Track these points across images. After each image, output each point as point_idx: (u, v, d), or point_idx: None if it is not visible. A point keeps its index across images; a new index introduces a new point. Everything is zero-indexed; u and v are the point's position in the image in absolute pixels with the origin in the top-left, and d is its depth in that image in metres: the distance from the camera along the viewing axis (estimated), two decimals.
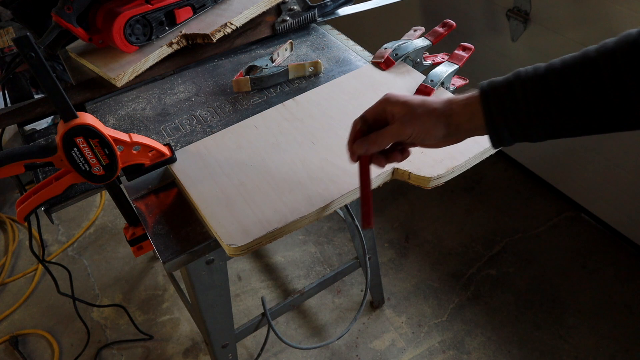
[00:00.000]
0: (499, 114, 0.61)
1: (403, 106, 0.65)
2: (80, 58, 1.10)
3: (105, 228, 1.95)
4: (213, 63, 1.13)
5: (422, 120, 0.64)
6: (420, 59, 1.05)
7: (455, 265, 1.72)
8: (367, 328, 1.58)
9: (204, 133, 0.95)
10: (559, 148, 1.71)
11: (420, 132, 0.64)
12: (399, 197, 1.94)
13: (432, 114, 0.64)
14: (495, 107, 0.61)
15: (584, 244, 1.73)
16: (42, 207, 0.81)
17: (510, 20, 1.55)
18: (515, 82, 0.60)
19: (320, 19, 1.21)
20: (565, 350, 1.48)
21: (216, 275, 0.98)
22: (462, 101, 0.64)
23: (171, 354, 1.57)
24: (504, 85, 0.61)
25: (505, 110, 0.60)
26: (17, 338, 1.62)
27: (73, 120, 0.71)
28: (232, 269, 1.76)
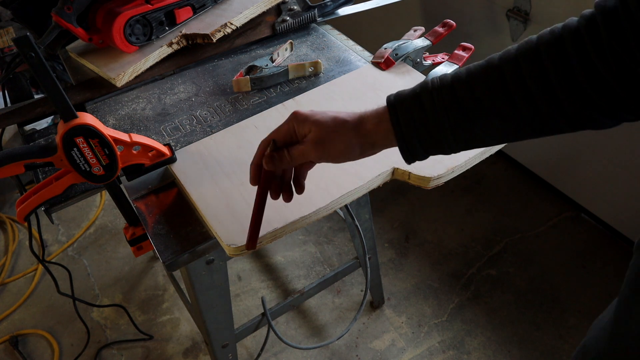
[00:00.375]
0: (409, 127, 0.59)
1: (314, 126, 0.62)
2: (80, 58, 1.10)
3: (105, 228, 1.95)
4: (213, 63, 1.13)
5: (336, 142, 0.62)
6: (420, 59, 1.05)
7: (455, 265, 1.72)
8: (367, 328, 1.58)
9: (204, 133, 0.95)
10: (559, 148, 1.71)
11: (334, 154, 0.63)
12: (399, 197, 1.94)
13: (345, 135, 0.61)
14: (404, 120, 0.59)
15: (584, 244, 1.73)
16: (42, 207, 0.81)
17: (510, 20, 1.55)
18: (422, 93, 0.59)
19: (320, 19, 1.21)
20: (565, 350, 1.48)
21: (216, 275, 0.98)
22: (374, 117, 0.61)
23: (171, 354, 1.57)
24: (410, 97, 0.59)
25: (415, 123, 0.59)
26: (17, 338, 1.62)
27: (73, 120, 0.71)
28: (232, 269, 1.76)
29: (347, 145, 0.62)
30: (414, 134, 0.59)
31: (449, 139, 0.58)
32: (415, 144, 0.60)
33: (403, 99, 0.60)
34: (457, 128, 0.58)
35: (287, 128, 0.64)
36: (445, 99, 0.57)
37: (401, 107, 0.59)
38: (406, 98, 0.60)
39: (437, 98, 0.58)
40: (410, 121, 0.59)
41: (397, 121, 0.59)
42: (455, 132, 0.58)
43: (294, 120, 0.63)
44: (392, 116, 0.60)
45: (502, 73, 0.55)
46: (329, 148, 0.62)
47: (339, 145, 0.62)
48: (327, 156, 0.63)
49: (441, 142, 0.59)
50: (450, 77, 0.59)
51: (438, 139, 0.59)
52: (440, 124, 0.58)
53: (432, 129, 0.58)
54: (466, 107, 0.57)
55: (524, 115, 0.55)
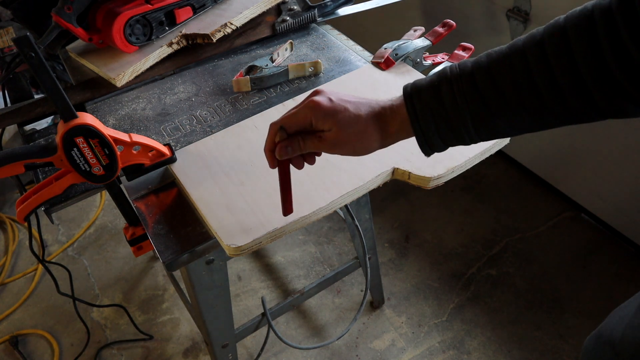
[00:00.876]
0: (427, 120, 0.56)
1: (335, 127, 0.58)
2: (80, 58, 1.10)
3: (105, 228, 1.95)
4: (213, 63, 1.13)
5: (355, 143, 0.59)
6: (420, 59, 1.05)
7: (455, 265, 1.72)
8: (367, 328, 1.58)
9: (204, 133, 0.95)
10: (559, 148, 1.71)
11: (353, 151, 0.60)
12: (399, 197, 1.94)
13: (366, 136, 0.58)
14: (422, 113, 0.56)
15: (584, 244, 1.73)
16: (42, 207, 0.81)
17: (510, 20, 1.55)
18: (440, 83, 0.55)
19: (320, 19, 1.21)
20: (565, 350, 1.48)
21: (216, 275, 0.98)
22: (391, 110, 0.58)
23: (171, 354, 1.57)
24: (428, 88, 0.56)
25: (434, 116, 0.55)
26: (17, 338, 1.62)
27: (73, 120, 0.71)
28: (232, 269, 1.76)
29: (366, 147, 0.60)
30: (432, 127, 0.56)
31: (470, 132, 0.55)
32: (434, 137, 0.56)
33: (420, 90, 0.56)
34: (478, 121, 0.54)
35: (303, 119, 0.59)
36: (466, 90, 0.54)
37: (418, 98, 0.56)
38: (423, 89, 0.56)
39: (456, 89, 0.54)
40: (428, 114, 0.55)
41: (415, 114, 0.56)
42: (476, 125, 0.55)
43: (314, 113, 0.58)
44: (408, 108, 0.57)
45: (526, 61, 0.51)
46: (346, 149, 0.60)
47: (357, 147, 0.60)
48: (342, 154, 0.61)
49: (462, 135, 0.56)
50: (470, 65, 0.55)
51: (458, 132, 0.55)
52: (460, 117, 0.54)
53: (452, 123, 0.55)
54: (488, 99, 0.53)
55: (551, 108, 0.51)
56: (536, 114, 0.52)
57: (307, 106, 0.59)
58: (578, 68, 0.48)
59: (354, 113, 0.58)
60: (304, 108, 0.59)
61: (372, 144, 0.60)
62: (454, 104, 0.54)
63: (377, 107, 0.59)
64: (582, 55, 0.48)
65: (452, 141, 0.57)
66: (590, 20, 0.48)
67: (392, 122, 0.58)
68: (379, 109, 0.59)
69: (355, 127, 0.58)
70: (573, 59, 0.48)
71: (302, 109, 0.60)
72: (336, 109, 0.58)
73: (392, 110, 0.58)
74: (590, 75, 0.48)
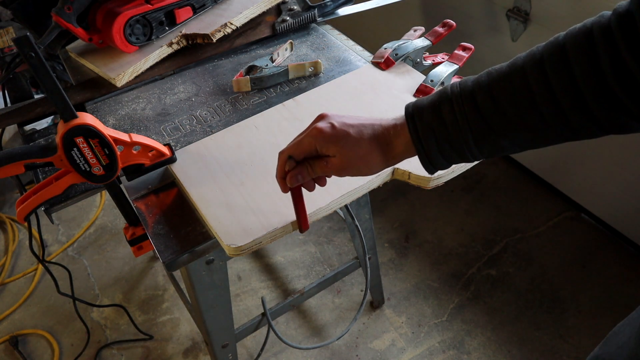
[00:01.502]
0: (429, 141, 0.56)
1: (339, 153, 0.59)
2: (80, 58, 1.10)
3: (105, 228, 1.95)
4: (213, 63, 1.13)
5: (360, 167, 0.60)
6: (420, 59, 1.05)
7: (455, 265, 1.72)
8: (367, 328, 1.58)
9: (204, 133, 0.95)
10: (559, 148, 1.70)
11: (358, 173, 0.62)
12: (399, 197, 1.94)
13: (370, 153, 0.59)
14: (424, 134, 0.56)
15: (584, 244, 1.73)
16: (42, 207, 0.81)
17: (510, 20, 1.55)
18: (441, 103, 0.56)
19: (320, 19, 1.21)
20: (565, 350, 1.48)
21: (216, 275, 0.98)
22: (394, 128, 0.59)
23: (171, 354, 1.57)
24: (429, 108, 0.56)
25: (436, 136, 0.56)
26: (17, 338, 1.62)
27: (73, 120, 0.71)
28: (232, 269, 1.76)
29: (370, 168, 0.61)
30: (434, 147, 0.57)
31: (472, 150, 0.56)
32: (437, 156, 0.57)
33: (421, 110, 0.57)
34: (480, 140, 0.55)
35: (308, 146, 0.61)
36: (467, 110, 0.54)
37: (420, 118, 0.57)
38: (425, 108, 0.57)
39: (457, 109, 0.54)
40: (430, 134, 0.56)
41: (417, 134, 0.57)
42: (478, 144, 0.55)
43: (318, 141, 0.60)
44: (410, 129, 0.57)
45: (526, 80, 0.51)
46: (352, 171, 0.61)
47: (363, 169, 0.61)
48: (349, 175, 0.62)
49: (464, 153, 0.56)
50: (470, 83, 0.55)
51: (461, 151, 0.56)
52: (462, 136, 0.55)
53: (454, 142, 0.56)
54: (489, 118, 0.53)
55: (553, 126, 0.52)
56: (538, 132, 0.53)
57: (310, 135, 0.61)
58: (578, 86, 0.49)
59: (357, 137, 0.59)
60: (307, 137, 0.61)
61: (376, 166, 0.61)
62: (455, 124, 0.55)
63: (379, 129, 0.60)
64: (582, 73, 0.48)
65: (455, 159, 0.58)
66: (590, 38, 0.48)
67: (396, 143, 0.59)
68: (382, 131, 0.60)
69: (358, 151, 0.59)
70: (573, 77, 0.49)
71: (306, 137, 0.61)
72: (338, 135, 0.59)
73: (396, 131, 0.59)
74: (591, 93, 0.48)
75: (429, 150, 0.57)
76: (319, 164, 0.62)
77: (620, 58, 0.46)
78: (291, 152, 0.63)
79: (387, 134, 0.60)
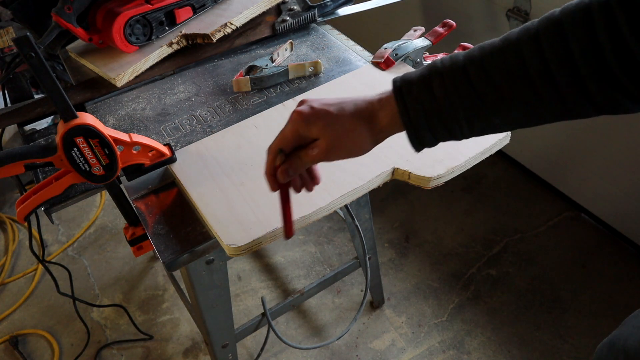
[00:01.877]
0: (417, 115, 0.54)
1: (322, 133, 0.58)
2: (80, 58, 1.10)
3: (105, 228, 1.95)
4: (213, 63, 1.13)
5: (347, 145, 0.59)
6: (420, 59, 1.05)
7: (455, 265, 1.72)
8: (367, 328, 1.58)
9: (204, 133, 0.95)
10: (559, 148, 1.71)
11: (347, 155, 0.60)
12: (399, 197, 1.94)
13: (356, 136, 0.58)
14: (412, 108, 0.54)
15: (584, 244, 1.73)
16: (42, 207, 0.81)
17: (510, 20, 1.55)
18: (432, 77, 0.53)
19: (320, 19, 1.21)
20: (565, 350, 1.48)
21: (216, 275, 0.98)
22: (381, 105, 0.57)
23: (171, 354, 1.57)
24: (419, 81, 0.54)
25: (425, 110, 0.54)
26: (17, 338, 1.62)
27: (73, 120, 0.71)
28: (232, 269, 1.76)
29: (359, 146, 0.59)
30: (423, 122, 0.54)
31: (463, 127, 0.54)
32: (425, 132, 0.55)
33: (410, 83, 0.55)
34: (472, 116, 0.53)
35: (292, 133, 0.60)
36: (458, 84, 0.52)
37: (409, 92, 0.55)
38: (414, 82, 0.55)
39: (449, 83, 0.52)
40: (419, 108, 0.54)
41: (405, 108, 0.55)
42: (469, 120, 0.53)
43: (298, 124, 0.59)
44: (398, 102, 0.55)
45: (521, 55, 0.50)
46: (341, 152, 0.59)
47: (351, 147, 0.59)
48: (340, 158, 0.61)
49: (454, 130, 0.55)
50: (462, 58, 0.53)
51: (451, 127, 0.54)
52: (453, 112, 0.53)
53: (444, 117, 0.54)
54: (482, 94, 0.52)
55: (547, 102, 0.50)
56: (531, 108, 0.51)
57: (290, 120, 0.60)
58: (575, 62, 0.47)
59: (337, 114, 0.58)
60: (289, 123, 0.60)
61: (363, 142, 0.59)
62: (446, 98, 0.53)
63: (362, 104, 0.58)
64: (579, 50, 0.47)
65: (444, 136, 0.56)
66: (588, 14, 0.47)
67: (382, 116, 0.57)
68: (365, 105, 0.58)
69: (341, 128, 0.58)
70: (570, 53, 0.47)
71: (287, 125, 0.60)
72: (318, 114, 0.58)
73: (381, 104, 0.57)
74: (587, 70, 0.47)
75: (417, 125, 0.55)
76: (306, 151, 0.60)
77: (620, 35, 0.45)
78: (279, 144, 0.61)
79: (370, 108, 0.58)
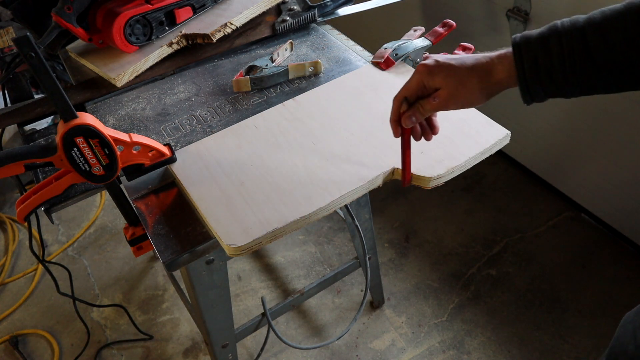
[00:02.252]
0: (532, 71, 0.59)
1: (444, 82, 0.65)
2: (80, 58, 1.10)
3: (105, 228, 1.95)
4: (213, 63, 1.13)
5: (466, 95, 0.65)
6: (420, 59, 1.05)
7: (455, 265, 1.72)
8: (367, 328, 1.58)
9: (204, 133, 0.95)
10: (559, 148, 1.71)
11: (464, 104, 0.66)
12: (399, 197, 1.94)
13: (474, 87, 0.64)
14: (528, 64, 0.59)
15: (584, 244, 1.73)
16: (42, 207, 0.81)
17: (510, 20, 1.55)
18: (550, 37, 0.58)
19: (320, 19, 1.21)
20: (565, 350, 1.48)
21: (216, 275, 0.98)
22: (499, 57, 0.63)
23: (171, 354, 1.57)
24: (537, 40, 0.59)
25: (539, 67, 0.58)
26: (17, 338, 1.62)
27: (73, 120, 0.71)
28: (232, 269, 1.76)
29: (475, 96, 0.64)
30: (536, 79, 0.59)
31: (573, 86, 0.58)
32: (537, 88, 0.60)
33: (529, 40, 0.59)
34: (584, 77, 0.57)
35: (416, 83, 0.67)
36: (574, 44, 0.56)
37: (527, 48, 0.59)
38: (532, 39, 0.59)
39: (565, 42, 0.56)
40: (534, 63, 0.59)
41: (521, 62, 0.59)
42: (581, 81, 0.57)
43: (423, 75, 0.66)
44: (516, 58, 0.60)
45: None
46: (458, 102, 0.65)
47: (467, 97, 0.65)
48: (457, 107, 0.66)
49: (564, 89, 0.59)
50: (582, 20, 0.57)
51: (562, 85, 0.58)
52: (566, 72, 0.57)
53: (557, 76, 0.58)
54: (596, 54, 0.55)
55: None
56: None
57: (416, 71, 0.67)
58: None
59: (457, 66, 0.64)
60: (414, 74, 0.67)
61: (479, 94, 0.64)
62: (561, 57, 0.57)
63: (482, 58, 0.64)
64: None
65: (554, 93, 0.60)
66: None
67: (499, 70, 0.62)
68: (485, 59, 0.64)
69: (460, 78, 0.64)
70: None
71: (413, 76, 0.67)
72: (442, 66, 0.65)
73: (500, 59, 0.63)
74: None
75: (530, 79, 0.59)
76: (428, 100, 0.67)
77: None
78: (404, 93, 0.68)
79: (490, 62, 0.63)
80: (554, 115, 1.63)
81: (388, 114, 0.72)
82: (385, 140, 0.86)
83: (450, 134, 0.86)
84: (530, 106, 0.66)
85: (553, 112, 1.62)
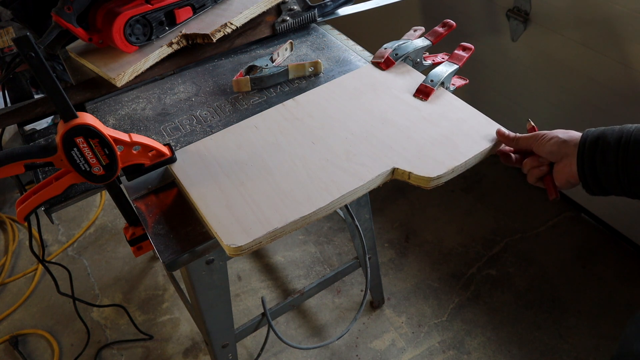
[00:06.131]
0: (589, 171, 0.69)
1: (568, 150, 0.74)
2: (80, 58, 1.10)
3: (105, 228, 1.95)
4: (213, 63, 1.13)
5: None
6: (420, 58, 1.05)
7: (455, 265, 1.72)
8: (367, 328, 1.58)
9: (204, 133, 0.95)
10: None
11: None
12: (399, 197, 1.94)
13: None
14: (587, 164, 0.69)
15: (584, 244, 1.73)
16: (42, 207, 0.80)
17: (510, 20, 1.55)
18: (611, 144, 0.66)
19: (320, 19, 1.21)
20: (565, 350, 1.48)
21: (216, 275, 0.98)
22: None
23: (171, 354, 1.57)
24: (600, 145, 0.68)
25: (595, 171, 0.68)
26: (17, 338, 1.62)
27: (73, 120, 0.71)
28: (232, 269, 1.76)
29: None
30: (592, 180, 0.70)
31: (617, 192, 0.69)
32: (591, 186, 0.71)
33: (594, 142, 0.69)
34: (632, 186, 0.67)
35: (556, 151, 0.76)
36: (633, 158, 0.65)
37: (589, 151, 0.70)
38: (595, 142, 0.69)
39: (621, 156, 0.66)
40: (591, 168, 0.70)
41: (582, 164, 0.71)
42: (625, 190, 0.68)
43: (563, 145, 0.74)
44: (578, 156, 0.71)
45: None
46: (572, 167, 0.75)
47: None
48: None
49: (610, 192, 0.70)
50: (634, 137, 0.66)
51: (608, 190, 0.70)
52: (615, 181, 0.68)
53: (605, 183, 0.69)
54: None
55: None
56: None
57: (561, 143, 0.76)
58: None
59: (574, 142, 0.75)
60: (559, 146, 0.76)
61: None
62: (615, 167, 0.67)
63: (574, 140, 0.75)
64: None
65: (601, 193, 0.72)
66: None
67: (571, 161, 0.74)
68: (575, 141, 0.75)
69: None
70: None
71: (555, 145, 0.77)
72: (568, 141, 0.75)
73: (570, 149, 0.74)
74: None
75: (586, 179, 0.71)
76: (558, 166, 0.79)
77: None
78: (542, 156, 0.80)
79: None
80: (554, 115, 1.63)
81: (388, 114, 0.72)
82: (385, 140, 0.86)
83: (450, 134, 0.86)
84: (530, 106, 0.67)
85: (553, 112, 1.63)
